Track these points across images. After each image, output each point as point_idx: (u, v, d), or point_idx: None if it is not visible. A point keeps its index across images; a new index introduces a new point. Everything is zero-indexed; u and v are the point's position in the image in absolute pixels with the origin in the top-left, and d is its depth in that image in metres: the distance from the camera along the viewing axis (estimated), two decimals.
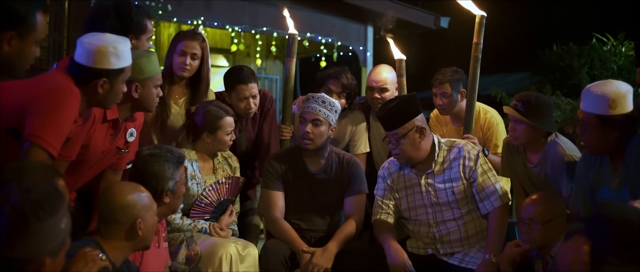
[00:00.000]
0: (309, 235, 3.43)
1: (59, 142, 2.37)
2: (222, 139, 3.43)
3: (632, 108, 2.65)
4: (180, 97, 3.57)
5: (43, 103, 2.34)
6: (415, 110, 3.15)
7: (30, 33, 2.13)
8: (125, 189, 2.42)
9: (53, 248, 1.70)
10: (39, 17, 2.16)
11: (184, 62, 3.47)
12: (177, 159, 2.76)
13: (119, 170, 2.90)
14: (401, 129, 3.10)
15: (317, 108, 3.36)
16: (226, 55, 8.95)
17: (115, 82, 2.48)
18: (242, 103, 3.61)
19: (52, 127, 2.33)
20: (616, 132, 2.65)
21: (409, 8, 8.43)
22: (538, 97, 3.27)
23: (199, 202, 3.35)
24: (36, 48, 2.19)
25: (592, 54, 7.88)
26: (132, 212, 2.35)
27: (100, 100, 2.50)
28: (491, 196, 3.14)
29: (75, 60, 2.48)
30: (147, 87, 2.74)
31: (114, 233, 2.35)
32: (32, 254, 1.67)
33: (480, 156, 3.20)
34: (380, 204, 3.33)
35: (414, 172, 3.24)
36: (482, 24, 3.55)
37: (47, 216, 1.67)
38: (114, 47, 2.45)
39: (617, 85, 2.69)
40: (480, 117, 3.77)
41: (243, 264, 3.17)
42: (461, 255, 3.20)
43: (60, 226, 1.71)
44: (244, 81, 3.58)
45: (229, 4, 7.26)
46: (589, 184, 2.78)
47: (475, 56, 3.54)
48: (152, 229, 2.42)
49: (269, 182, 3.44)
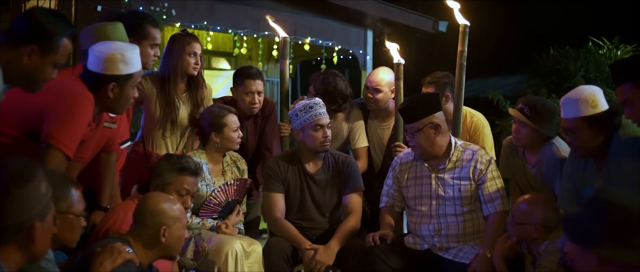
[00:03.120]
0: (310, 233, 3.55)
1: (74, 144, 2.50)
2: (230, 136, 3.54)
3: (607, 106, 2.83)
4: (182, 93, 3.73)
5: (60, 108, 2.47)
6: (434, 108, 3.32)
7: (51, 53, 2.22)
8: (160, 197, 2.60)
9: (40, 212, 1.80)
10: (65, 41, 2.26)
11: (196, 62, 3.68)
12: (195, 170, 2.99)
13: (111, 151, 2.98)
14: (418, 123, 3.27)
15: (324, 112, 3.51)
16: (228, 59, 9.03)
17: (125, 86, 2.61)
18: (247, 97, 3.78)
19: (68, 130, 2.46)
20: (604, 128, 2.80)
21: (408, 12, 8.53)
22: (544, 103, 3.41)
23: (208, 203, 3.46)
24: (54, 71, 2.26)
25: (588, 58, 7.91)
26: (160, 219, 2.50)
27: (111, 104, 2.63)
28: (495, 201, 3.29)
29: (87, 68, 2.62)
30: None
31: (141, 234, 2.50)
32: (21, 219, 1.77)
33: (492, 162, 3.35)
34: (386, 193, 3.52)
35: (426, 166, 3.38)
36: (466, 32, 3.66)
37: (26, 182, 1.77)
38: (122, 54, 2.59)
39: (589, 88, 2.91)
40: (467, 120, 3.88)
41: (248, 260, 3.28)
42: (455, 250, 3.32)
43: (41, 191, 1.80)
44: (251, 77, 3.78)
45: (232, 9, 7.33)
46: (575, 185, 2.91)
47: (460, 63, 3.65)
48: (178, 241, 2.57)
49: (269, 185, 3.56)
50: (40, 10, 2.33)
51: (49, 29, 2.22)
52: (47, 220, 1.83)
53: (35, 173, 1.81)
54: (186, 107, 3.71)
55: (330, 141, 3.54)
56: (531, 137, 3.34)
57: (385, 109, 4.02)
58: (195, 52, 3.67)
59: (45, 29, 2.22)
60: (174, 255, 2.60)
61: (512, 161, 3.54)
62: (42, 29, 2.22)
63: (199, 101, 3.72)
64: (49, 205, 1.84)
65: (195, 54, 3.67)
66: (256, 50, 8.13)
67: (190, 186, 2.97)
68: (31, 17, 2.26)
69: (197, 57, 3.68)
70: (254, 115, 3.91)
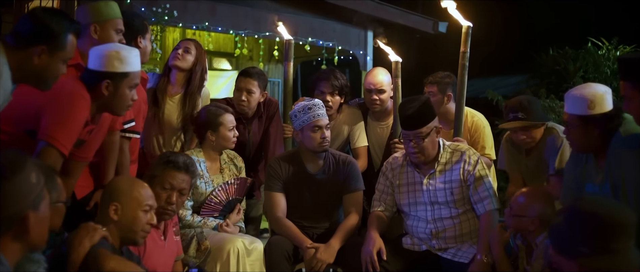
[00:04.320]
0: (311, 232, 3.58)
1: (70, 141, 2.53)
2: (225, 135, 3.58)
3: (611, 107, 2.80)
4: (176, 94, 3.79)
5: (56, 106, 2.50)
6: (434, 112, 3.37)
7: (59, 51, 2.31)
8: (122, 178, 2.66)
9: (32, 201, 1.82)
10: (70, 38, 2.34)
11: (177, 53, 3.77)
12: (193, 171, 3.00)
13: (114, 130, 3.00)
14: (425, 128, 3.27)
15: (323, 114, 3.54)
16: (229, 59, 9.07)
17: (120, 84, 2.63)
18: (237, 93, 3.84)
19: (63, 128, 2.49)
20: (597, 130, 2.80)
21: (408, 13, 8.58)
22: (526, 98, 3.50)
23: (209, 201, 3.50)
24: (63, 66, 2.35)
25: (587, 58, 7.96)
26: (112, 195, 2.55)
27: (107, 102, 2.64)
28: (484, 200, 3.32)
29: (87, 67, 2.67)
30: (106, 30, 2.94)
31: (103, 217, 2.53)
32: (13, 211, 1.79)
33: (479, 161, 3.37)
34: (379, 198, 3.51)
35: (417, 172, 3.40)
36: (468, 34, 3.70)
37: (14, 174, 1.79)
38: (118, 52, 2.63)
39: (595, 87, 2.86)
40: (468, 120, 3.93)
41: (249, 258, 3.32)
42: (454, 250, 3.35)
43: (31, 181, 1.82)
44: (244, 73, 3.87)
45: (233, 10, 7.36)
46: (576, 180, 2.94)
47: (462, 64, 3.69)
48: (133, 222, 2.55)
49: (271, 185, 3.60)
50: (43, 11, 2.39)
51: (55, 29, 2.29)
52: (41, 209, 1.85)
53: (24, 164, 1.82)
54: (177, 107, 3.76)
55: (329, 142, 3.57)
56: (539, 132, 3.43)
57: (384, 108, 4.07)
58: (180, 45, 3.81)
59: (51, 28, 2.29)
60: (135, 238, 2.55)
61: (514, 154, 3.61)
62: (48, 29, 2.29)
63: (194, 103, 3.78)
64: (42, 194, 1.86)
65: (180, 47, 3.80)
66: (257, 50, 8.17)
67: (176, 181, 2.92)
68: (35, 18, 2.32)
69: (181, 49, 3.78)
70: (258, 116, 3.95)
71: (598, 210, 1.84)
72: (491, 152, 3.92)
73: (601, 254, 1.83)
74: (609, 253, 1.83)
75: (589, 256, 1.83)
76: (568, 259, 1.90)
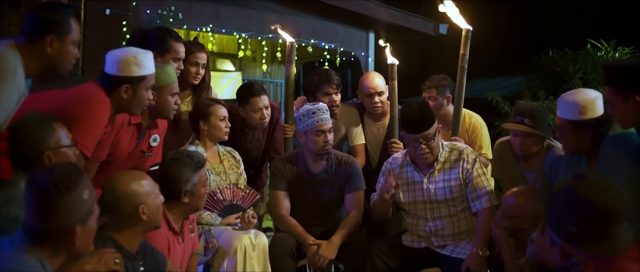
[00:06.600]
0: (313, 229, 3.67)
1: (92, 144, 2.65)
2: (216, 124, 3.61)
3: (602, 112, 2.89)
4: (186, 97, 3.86)
5: (79, 111, 2.62)
6: (433, 113, 3.46)
7: (67, 35, 2.45)
8: (125, 178, 2.51)
9: (81, 217, 1.95)
10: (73, 21, 2.49)
11: (197, 72, 3.80)
12: (196, 164, 2.92)
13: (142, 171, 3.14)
14: (432, 129, 3.36)
15: (327, 118, 3.62)
16: (233, 60, 9.13)
17: (138, 88, 2.76)
18: (256, 114, 3.84)
19: (86, 131, 2.61)
20: (588, 134, 2.89)
21: (409, 15, 8.64)
22: (538, 108, 3.47)
23: (212, 194, 3.52)
24: (75, 49, 2.50)
25: (587, 60, 7.97)
26: (134, 199, 2.45)
27: (125, 105, 2.77)
28: (482, 198, 3.39)
29: (104, 72, 2.78)
30: (163, 95, 3.03)
31: (120, 221, 2.44)
32: (63, 224, 1.92)
33: (477, 160, 3.45)
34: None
35: (417, 171, 3.49)
36: (468, 37, 3.78)
37: (68, 191, 1.92)
38: (135, 57, 2.75)
39: (587, 93, 2.94)
40: (466, 121, 4.01)
41: (254, 252, 3.41)
42: (452, 246, 3.44)
43: (83, 197, 1.95)
44: (256, 94, 3.83)
45: (237, 12, 7.42)
46: None
47: (461, 66, 3.77)
48: (157, 211, 2.53)
49: (275, 184, 3.70)
50: (39, 7, 2.51)
51: (55, 17, 2.43)
52: (89, 223, 1.98)
53: (79, 181, 1.96)
54: (188, 108, 3.82)
55: (331, 144, 3.65)
56: (536, 143, 3.40)
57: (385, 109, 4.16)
58: (198, 62, 3.79)
59: (53, 18, 2.43)
60: (158, 224, 2.56)
61: (509, 164, 3.59)
62: (51, 20, 2.43)
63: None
64: (92, 209, 1.99)
65: (198, 64, 3.79)
66: (260, 52, 8.23)
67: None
68: (36, 13, 2.46)
69: (199, 67, 3.79)
70: None
71: (594, 197, 1.86)
72: (488, 152, 3.99)
73: (590, 238, 1.87)
74: (599, 238, 1.87)
75: (578, 238, 1.87)
76: (551, 243, 1.94)
